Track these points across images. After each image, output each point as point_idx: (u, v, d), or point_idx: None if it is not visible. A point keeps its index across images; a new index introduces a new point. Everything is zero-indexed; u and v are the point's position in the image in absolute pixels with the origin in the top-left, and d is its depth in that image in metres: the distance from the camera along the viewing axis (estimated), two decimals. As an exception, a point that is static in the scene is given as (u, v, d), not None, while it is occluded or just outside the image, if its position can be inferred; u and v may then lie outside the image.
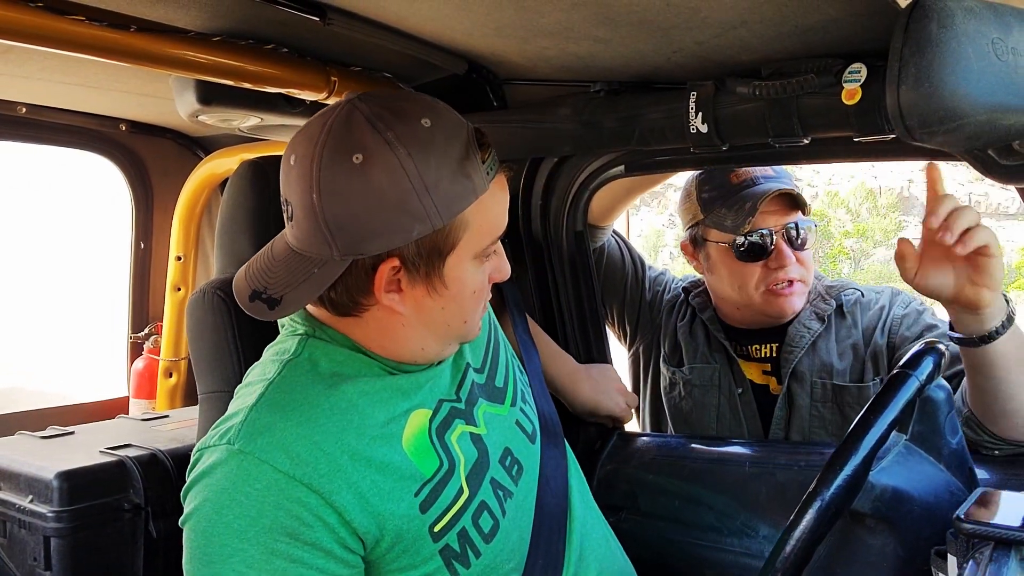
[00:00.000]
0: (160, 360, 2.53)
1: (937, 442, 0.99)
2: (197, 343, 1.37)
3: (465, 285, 1.05)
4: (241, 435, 0.96)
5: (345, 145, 0.95)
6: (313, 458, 0.95)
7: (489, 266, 1.10)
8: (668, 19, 1.20)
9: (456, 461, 1.08)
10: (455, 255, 1.02)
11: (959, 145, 0.81)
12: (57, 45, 1.21)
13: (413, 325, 1.07)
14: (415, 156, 0.95)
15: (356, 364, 1.08)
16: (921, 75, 0.72)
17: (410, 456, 1.03)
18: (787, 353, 1.76)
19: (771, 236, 1.72)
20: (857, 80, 1.25)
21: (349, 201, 0.95)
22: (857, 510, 0.93)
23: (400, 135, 0.95)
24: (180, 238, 2.50)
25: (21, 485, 1.51)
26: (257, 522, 0.92)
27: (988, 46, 0.73)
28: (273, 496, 0.93)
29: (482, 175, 1.00)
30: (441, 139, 0.97)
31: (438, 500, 1.04)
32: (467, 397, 1.17)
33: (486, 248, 1.06)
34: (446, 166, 0.96)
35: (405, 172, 0.94)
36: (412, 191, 0.94)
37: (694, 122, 1.43)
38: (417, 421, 1.07)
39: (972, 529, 0.70)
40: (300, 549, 0.93)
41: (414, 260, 1.00)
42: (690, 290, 1.96)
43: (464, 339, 1.15)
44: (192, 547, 0.96)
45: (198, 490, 0.97)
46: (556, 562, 1.16)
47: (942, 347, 1.00)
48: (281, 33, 1.42)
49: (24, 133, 2.18)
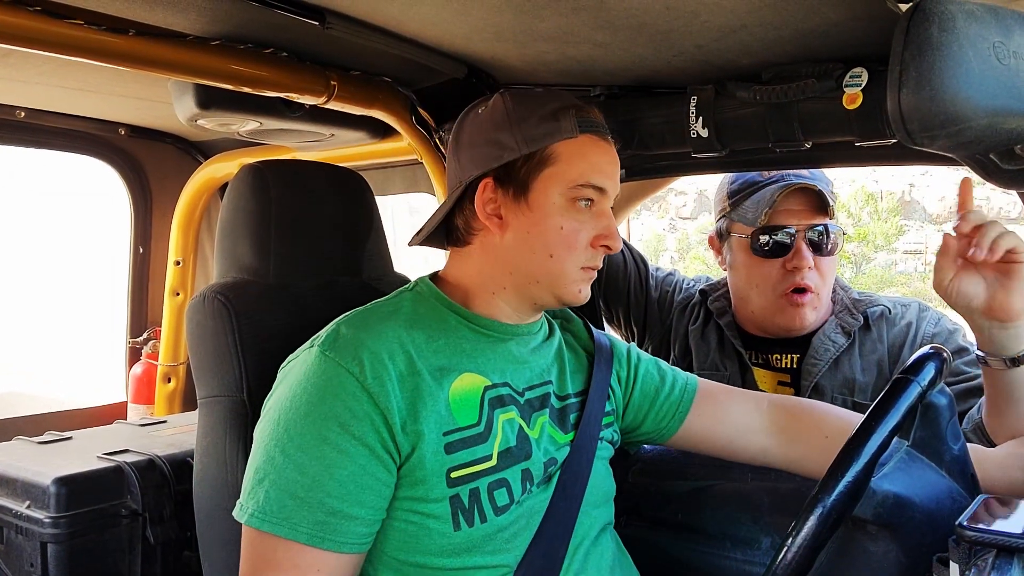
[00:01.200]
0: (159, 365, 2.53)
1: (939, 448, 0.98)
2: (197, 348, 1.36)
3: (550, 214, 1.19)
4: (323, 341, 1.12)
5: (479, 104, 1.26)
6: (373, 367, 1.09)
7: (589, 219, 1.21)
8: (667, 23, 1.20)
9: (494, 433, 1.18)
10: (541, 180, 1.19)
11: (960, 150, 0.80)
12: (56, 49, 1.21)
13: (506, 252, 1.22)
14: (516, 100, 1.21)
15: (435, 315, 1.23)
16: (922, 79, 0.72)
17: (451, 402, 1.15)
18: (810, 366, 1.70)
19: (792, 234, 1.66)
20: (858, 84, 1.25)
21: (466, 135, 1.24)
22: (859, 517, 0.92)
23: (513, 94, 1.23)
24: (179, 242, 2.49)
25: (18, 491, 1.50)
26: (318, 407, 1.07)
27: (989, 50, 0.72)
28: (334, 387, 1.07)
29: (572, 123, 1.19)
30: (544, 97, 1.22)
31: (463, 451, 1.14)
32: (531, 399, 1.26)
33: (575, 188, 1.19)
34: (538, 111, 1.20)
35: (505, 109, 1.20)
36: (505, 122, 1.20)
37: (694, 126, 1.42)
38: (471, 380, 1.20)
39: (974, 536, 0.69)
40: (348, 441, 1.06)
41: (504, 179, 1.20)
42: (708, 293, 1.90)
43: (555, 288, 1.22)
44: (263, 428, 1.11)
45: (280, 379, 1.15)
46: (554, 564, 1.17)
47: (944, 353, 0.99)
48: (280, 37, 1.42)
49: (23, 137, 2.18)
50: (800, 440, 1.36)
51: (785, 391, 1.76)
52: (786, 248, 1.67)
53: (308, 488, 1.04)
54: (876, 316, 1.73)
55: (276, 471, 1.06)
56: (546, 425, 1.26)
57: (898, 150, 1.37)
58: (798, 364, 1.74)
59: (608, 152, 1.24)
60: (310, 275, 1.44)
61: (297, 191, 1.43)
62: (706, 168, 1.70)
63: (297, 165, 1.48)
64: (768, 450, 1.39)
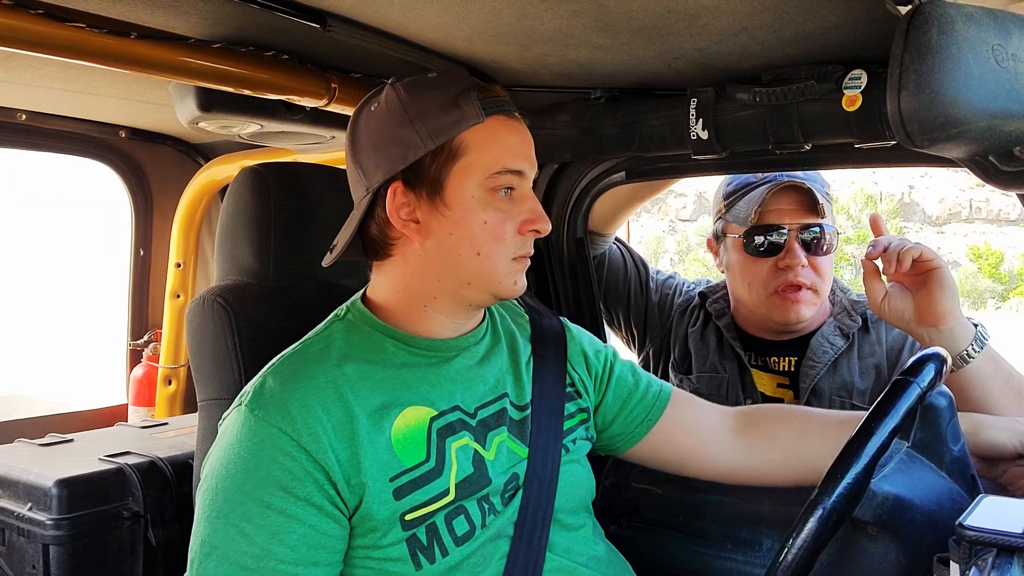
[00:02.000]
0: (159, 367, 2.53)
1: (939, 449, 0.98)
2: (197, 350, 1.36)
3: (470, 210, 1.12)
4: (251, 398, 1.07)
5: (369, 101, 1.18)
6: (305, 421, 1.04)
7: (512, 206, 1.15)
8: (668, 25, 1.20)
9: (447, 465, 1.12)
10: (454, 175, 1.12)
11: (960, 151, 0.80)
12: (57, 52, 1.21)
13: (429, 259, 1.15)
14: (410, 93, 1.13)
15: (370, 344, 1.16)
16: (921, 81, 0.72)
17: (393, 444, 1.09)
18: (808, 368, 1.71)
19: (784, 233, 1.67)
20: (858, 87, 1.25)
21: (364, 138, 1.16)
22: (859, 518, 0.92)
23: (406, 84, 1.15)
24: (180, 245, 2.49)
25: (20, 493, 1.50)
26: (255, 474, 1.01)
27: (988, 52, 0.73)
28: (268, 450, 1.02)
29: (476, 107, 1.12)
30: (440, 82, 1.15)
31: (415, 492, 1.08)
32: (485, 419, 1.19)
33: (491, 177, 1.12)
34: (437, 99, 1.12)
35: (400, 103, 1.12)
36: (404, 117, 1.12)
37: (694, 128, 1.42)
38: (415, 414, 1.12)
39: (975, 536, 0.69)
40: (293, 504, 1.01)
41: (414, 180, 1.13)
42: (707, 295, 1.91)
43: (489, 285, 1.16)
44: (203, 499, 1.05)
45: (213, 447, 1.09)
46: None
47: (944, 354, 1.00)
48: (281, 40, 1.42)
49: (25, 140, 2.19)
50: (765, 445, 1.34)
51: (784, 393, 1.77)
52: (778, 247, 1.68)
53: (258, 558, 0.99)
54: (875, 318, 1.74)
55: (223, 543, 1.00)
56: (505, 443, 1.20)
57: (898, 152, 1.37)
58: (796, 366, 1.74)
59: (519, 131, 1.17)
60: (310, 277, 1.44)
61: (297, 193, 1.43)
62: (706, 170, 1.70)
63: (297, 167, 1.48)
64: (734, 458, 1.36)
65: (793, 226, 1.67)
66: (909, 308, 1.39)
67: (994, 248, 33.51)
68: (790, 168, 1.64)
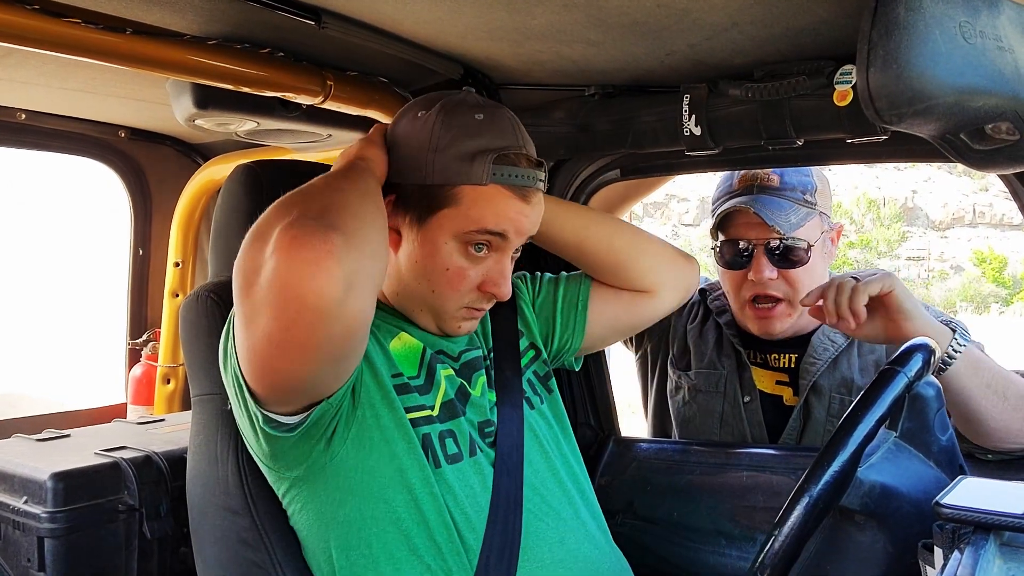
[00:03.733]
0: (158, 366, 2.54)
1: (927, 439, 0.98)
2: (190, 346, 1.37)
3: (438, 254, 1.20)
4: None
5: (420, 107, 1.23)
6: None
7: (481, 263, 1.21)
8: (659, 21, 1.21)
9: (436, 386, 1.24)
10: (436, 220, 1.19)
11: (929, 128, 0.81)
12: (53, 48, 1.22)
13: (398, 270, 1.25)
14: (445, 125, 1.18)
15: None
16: (889, 57, 0.73)
17: (392, 354, 1.22)
18: (808, 364, 1.72)
19: (749, 247, 1.68)
20: (848, 82, 1.26)
21: (400, 137, 1.23)
22: (846, 507, 0.93)
23: (452, 109, 1.20)
24: (178, 244, 2.50)
25: (15, 486, 1.51)
26: None
27: (956, 29, 0.74)
28: None
29: (486, 171, 1.16)
30: (475, 129, 1.18)
31: (409, 395, 1.20)
32: (467, 362, 1.32)
33: (469, 234, 1.19)
34: (460, 145, 1.17)
35: (431, 130, 1.18)
36: (427, 145, 1.18)
37: (687, 124, 1.43)
38: (408, 339, 1.26)
39: (951, 513, 0.70)
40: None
41: (406, 201, 1.21)
42: (708, 292, 1.92)
43: (436, 319, 1.27)
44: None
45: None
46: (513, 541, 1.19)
47: (932, 344, 1.00)
48: (277, 37, 1.43)
49: (24, 139, 2.20)
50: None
51: (783, 390, 1.78)
52: (746, 261, 1.70)
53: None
54: None
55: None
56: (485, 386, 1.31)
57: (889, 147, 1.38)
58: (796, 363, 1.75)
59: (518, 206, 1.20)
60: (305, 273, 1.45)
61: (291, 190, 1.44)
62: (700, 166, 1.71)
63: (291, 165, 1.49)
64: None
65: (759, 240, 1.67)
66: (882, 334, 1.45)
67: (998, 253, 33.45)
68: (783, 164, 1.65)
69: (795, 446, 1.71)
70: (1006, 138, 0.88)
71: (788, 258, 1.67)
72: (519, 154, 1.20)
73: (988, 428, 1.41)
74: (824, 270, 1.75)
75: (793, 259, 1.67)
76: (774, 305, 1.69)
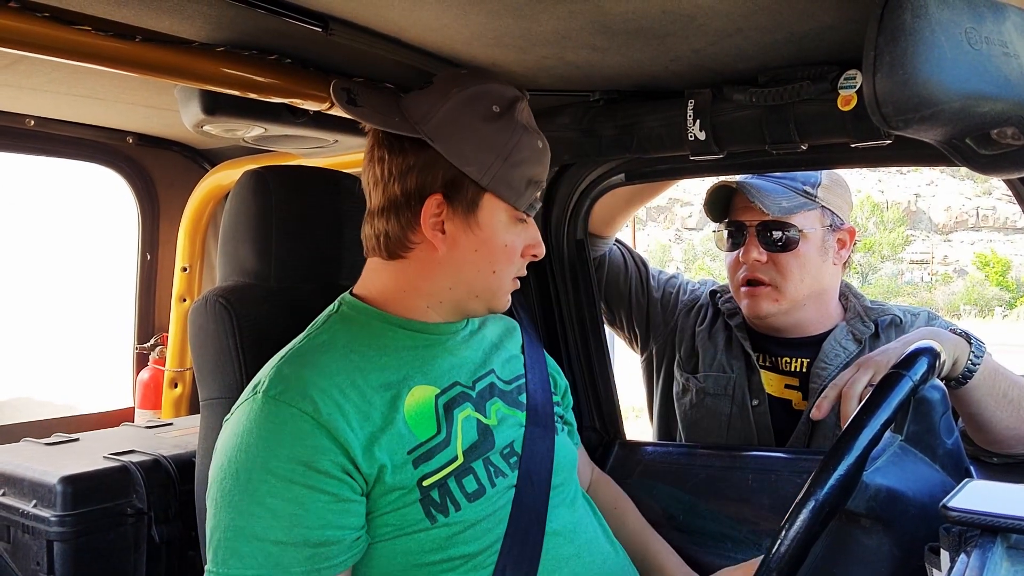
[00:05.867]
0: (166, 371, 2.55)
1: (932, 442, 0.99)
2: (199, 350, 1.38)
3: (497, 232, 1.21)
4: (268, 386, 1.10)
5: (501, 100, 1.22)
6: (324, 403, 1.08)
7: (524, 233, 1.25)
8: (664, 27, 1.21)
9: (454, 435, 1.20)
10: (488, 199, 1.20)
11: (936, 133, 0.82)
12: (63, 55, 1.23)
13: (446, 267, 1.22)
14: (523, 142, 1.20)
15: (370, 332, 1.22)
16: (895, 63, 0.74)
17: (408, 421, 1.15)
18: (819, 370, 1.72)
19: (743, 229, 1.76)
20: (852, 86, 1.27)
21: (467, 119, 1.19)
22: (852, 510, 0.93)
23: (527, 126, 1.22)
24: (186, 249, 2.52)
25: (25, 490, 1.52)
26: (276, 452, 1.05)
27: (961, 35, 0.75)
28: (290, 430, 1.06)
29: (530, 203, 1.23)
30: (536, 157, 1.22)
31: (430, 461, 1.15)
32: (481, 390, 1.29)
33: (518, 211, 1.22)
34: (526, 170, 1.20)
35: (508, 137, 1.18)
36: (502, 151, 1.18)
37: (692, 129, 1.44)
38: (422, 393, 1.20)
39: (958, 516, 0.70)
40: (315, 478, 1.05)
41: (453, 195, 1.18)
42: (719, 293, 1.94)
43: (490, 300, 1.26)
44: (221, 487, 1.07)
45: (228, 435, 1.10)
46: (533, 553, 1.19)
47: (937, 347, 1.01)
48: (284, 44, 1.44)
49: (33, 146, 2.21)
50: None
51: (792, 394, 1.78)
52: (738, 243, 1.76)
53: (287, 529, 1.03)
54: (886, 324, 1.76)
55: (249, 523, 1.03)
56: (501, 409, 1.29)
57: (893, 151, 1.38)
58: (807, 368, 1.75)
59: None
60: (311, 278, 1.46)
61: (298, 195, 1.45)
62: (704, 171, 1.72)
63: (299, 170, 1.51)
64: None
65: (752, 223, 1.74)
66: None
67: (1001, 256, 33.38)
68: (787, 168, 1.66)
69: (801, 449, 1.70)
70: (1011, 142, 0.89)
71: (777, 241, 1.71)
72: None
73: (1001, 436, 1.42)
74: (822, 268, 1.76)
75: (781, 243, 1.71)
76: (758, 285, 1.74)
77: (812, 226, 1.72)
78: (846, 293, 1.84)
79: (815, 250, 1.73)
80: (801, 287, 1.74)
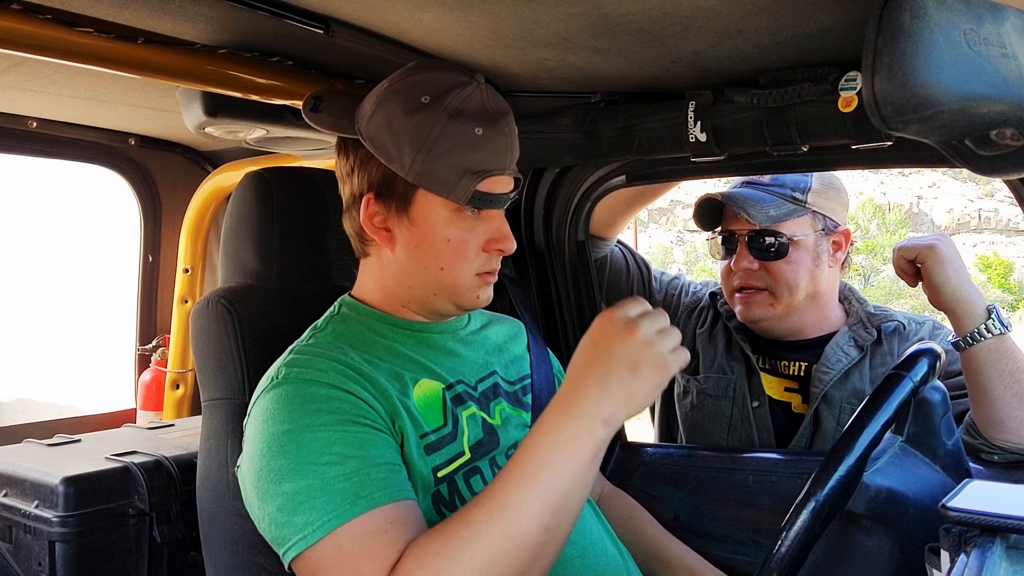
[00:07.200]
0: (167, 372, 2.55)
1: (932, 443, 0.99)
2: (201, 351, 1.38)
3: (436, 227, 1.16)
4: (285, 372, 1.11)
5: (435, 89, 1.14)
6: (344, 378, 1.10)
7: (478, 225, 1.19)
8: (665, 28, 1.21)
9: (461, 431, 1.20)
10: (419, 198, 1.16)
11: (935, 134, 0.82)
12: (65, 57, 1.24)
13: (401, 266, 1.21)
14: (447, 132, 1.12)
15: (370, 331, 1.22)
16: (894, 65, 0.74)
17: (417, 408, 1.16)
18: (821, 374, 1.72)
19: (734, 238, 1.77)
20: (853, 88, 1.27)
21: (396, 112, 1.14)
22: (852, 511, 0.93)
23: (457, 114, 1.13)
24: (188, 251, 2.52)
25: (27, 490, 1.52)
26: (318, 412, 1.05)
27: (960, 36, 0.75)
28: (324, 395, 1.07)
29: (466, 194, 1.14)
30: (471, 145, 1.13)
31: (439, 452, 1.15)
32: (484, 391, 1.29)
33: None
34: (451, 159, 1.12)
35: (430, 130, 1.12)
36: (422, 144, 1.11)
37: (693, 131, 1.44)
38: (429, 385, 1.20)
39: (958, 516, 0.70)
40: (362, 422, 1.07)
41: (384, 193, 1.17)
42: (718, 296, 1.94)
43: (453, 297, 1.22)
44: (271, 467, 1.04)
45: (259, 423, 1.08)
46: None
47: (937, 349, 1.01)
48: (285, 46, 1.44)
49: (35, 147, 2.22)
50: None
51: (791, 397, 1.78)
52: (731, 251, 1.78)
53: (357, 460, 1.02)
54: (889, 331, 1.76)
55: (317, 476, 1.01)
56: (506, 409, 1.29)
57: (894, 153, 1.38)
58: (807, 372, 1.75)
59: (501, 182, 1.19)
60: (313, 280, 1.46)
61: (300, 197, 1.45)
62: (705, 173, 1.72)
63: (301, 172, 1.51)
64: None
65: (742, 232, 1.75)
66: (926, 293, 1.53)
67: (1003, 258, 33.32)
68: (788, 170, 1.66)
69: (801, 450, 1.71)
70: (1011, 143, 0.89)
71: (767, 250, 1.72)
72: (500, 178, 1.18)
73: (999, 415, 1.43)
74: (816, 272, 1.77)
75: (771, 251, 1.72)
76: (751, 290, 1.76)
77: (803, 232, 1.72)
78: (848, 297, 1.84)
79: (808, 255, 1.74)
80: (796, 292, 1.75)
